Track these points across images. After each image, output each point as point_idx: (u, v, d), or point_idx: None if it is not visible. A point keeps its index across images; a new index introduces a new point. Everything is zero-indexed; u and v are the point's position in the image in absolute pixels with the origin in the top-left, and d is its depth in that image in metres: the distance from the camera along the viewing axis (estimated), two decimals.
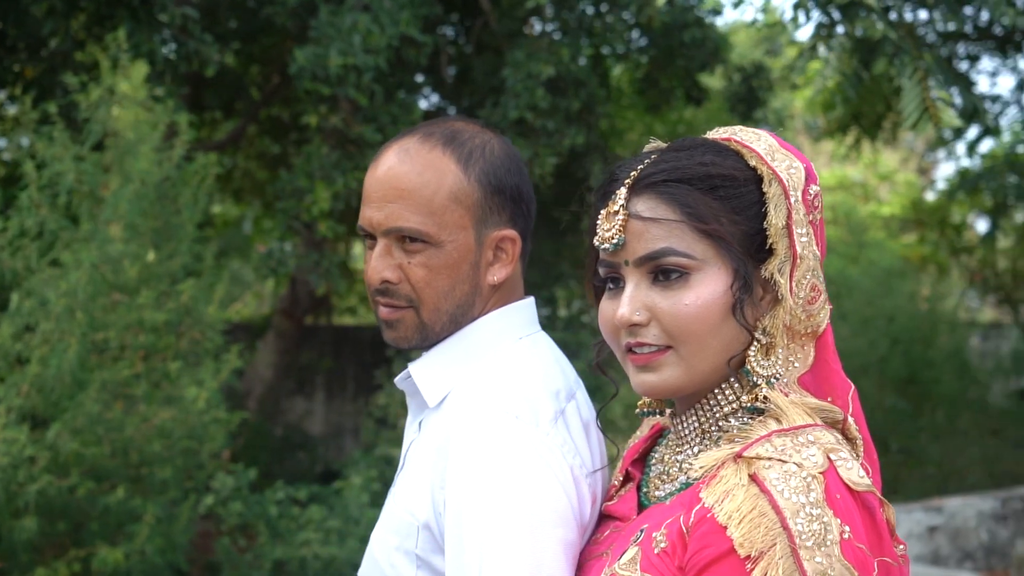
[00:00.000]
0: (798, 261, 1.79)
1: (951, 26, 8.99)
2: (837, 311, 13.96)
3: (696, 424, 1.83)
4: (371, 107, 8.11)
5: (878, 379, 13.22)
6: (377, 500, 7.94)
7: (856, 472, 1.64)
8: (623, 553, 1.75)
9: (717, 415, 1.81)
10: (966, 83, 7.83)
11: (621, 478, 2.02)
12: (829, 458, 1.64)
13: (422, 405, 2.15)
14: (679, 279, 1.74)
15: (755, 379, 1.77)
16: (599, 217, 1.82)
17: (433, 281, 2.04)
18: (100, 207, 6.31)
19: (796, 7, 6.82)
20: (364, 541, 7.41)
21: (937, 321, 14.09)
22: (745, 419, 1.78)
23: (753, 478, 1.61)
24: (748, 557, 1.55)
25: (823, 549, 1.55)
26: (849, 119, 12.51)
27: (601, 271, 1.85)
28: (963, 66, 11.32)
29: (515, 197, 2.13)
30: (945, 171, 24.98)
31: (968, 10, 7.89)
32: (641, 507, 1.89)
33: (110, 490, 6.24)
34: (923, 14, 8.13)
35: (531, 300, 2.19)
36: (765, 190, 1.77)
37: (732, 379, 1.80)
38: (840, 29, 6.78)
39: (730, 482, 1.63)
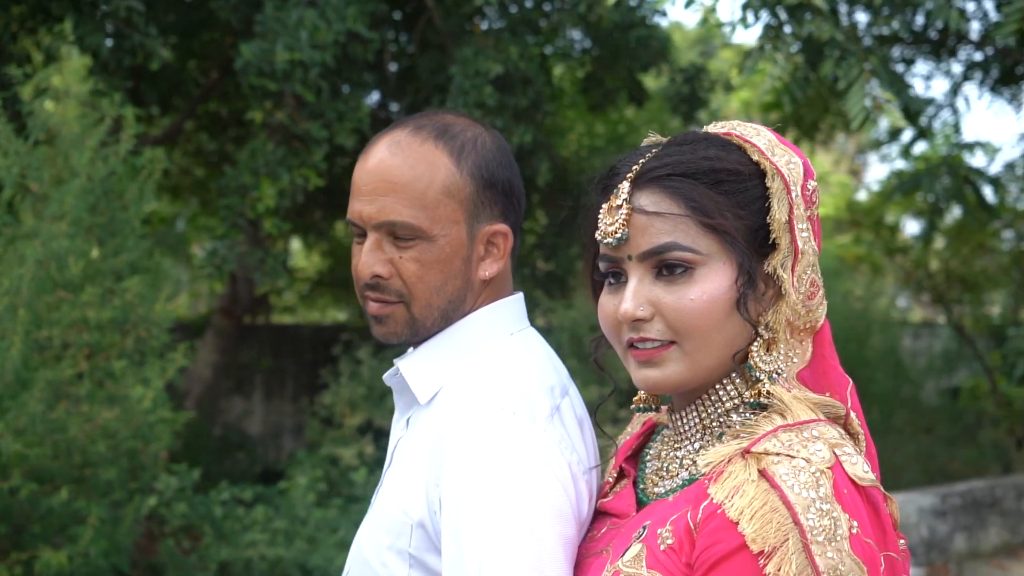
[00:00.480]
0: (799, 256, 1.79)
1: (887, 29, 9.10)
2: None
3: (697, 420, 1.82)
4: (318, 103, 8.03)
5: None
6: (323, 500, 7.88)
7: (861, 467, 1.64)
8: (625, 550, 1.73)
9: (719, 411, 1.80)
10: (903, 86, 7.93)
11: (615, 475, 2.01)
12: (835, 453, 1.64)
13: (411, 402, 2.12)
14: (683, 274, 1.73)
15: (757, 374, 1.77)
16: (600, 211, 1.81)
17: (425, 276, 2.01)
18: (44, 203, 6.17)
19: (745, 7, 6.87)
20: (312, 542, 7.34)
21: (871, 321, 14.29)
22: (747, 415, 1.78)
23: (763, 474, 1.60)
24: (761, 553, 1.55)
25: (833, 544, 1.55)
26: (788, 120, 12.65)
27: (602, 266, 1.83)
28: (899, 68, 11.48)
29: (507, 191, 2.10)
30: (876, 173, 25.38)
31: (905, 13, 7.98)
32: (640, 504, 1.87)
33: (53, 491, 6.11)
34: (863, 16, 8.22)
35: (520, 296, 2.16)
36: (769, 185, 1.76)
37: (733, 374, 1.80)
38: (787, 30, 6.84)
39: (739, 478, 1.62)
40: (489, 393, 1.92)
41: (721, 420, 1.80)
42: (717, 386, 1.80)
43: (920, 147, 13.69)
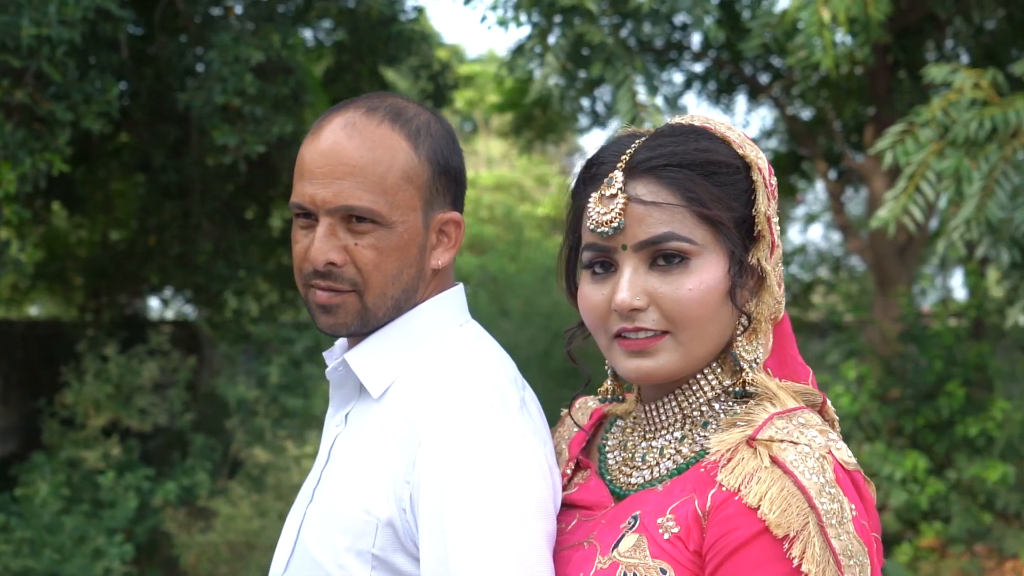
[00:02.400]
0: (775, 248, 1.84)
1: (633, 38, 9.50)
2: (500, 307, 14.44)
3: (676, 409, 1.83)
4: (63, 84, 7.51)
5: (541, 371, 13.75)
6: (70, 508, 7.40)
7: (846, 452, 1.71)
8: (617, 540, 1.73)
9: (700, 400, 1.82)
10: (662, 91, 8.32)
11: (573, 467, 2.00)
12: (826, 439, 1.70)
13: (349, 396, 2.04)
14: (679, 264, 1.74)
15: (741, 363, 1.81)
16: (590, 200, 1.79)
17: (382, 264, 1.94)
18: None
19: (516, 7, 7.00)
20: (62, 551, 6.87)
21: None
22: (728, 403, 1.82)
23: (774, 460, 1.64)
24: (786, 537, 1.58)
25: (843, 527, 1.61)
26: (522, 121, 12.96)
27: (588, 255, 1.81)
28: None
29: (458, 179, 2.06)
30: None
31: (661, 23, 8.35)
32: (616, 495, 1.86)
33: None
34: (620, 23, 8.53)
35: (462, 286, 2.12)
36: (754, 178, 1.81)
37: (714, 363, 1.83)
38: (556, 31, 7.01)
39: (750, 464, 1.65)
40: (461, 386, 1.88)
41: (702, 409, 1.82)
42: (698, 375, 1.83)
43: None
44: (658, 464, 1.83)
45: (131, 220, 11.77)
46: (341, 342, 2.14)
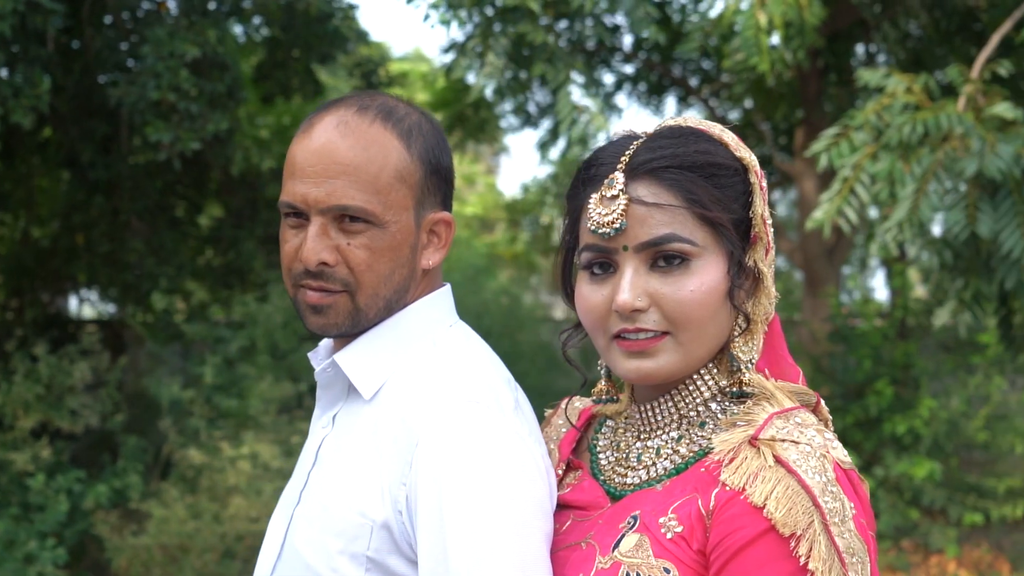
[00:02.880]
0: (769, 249, 1.87)
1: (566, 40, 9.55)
2: None
3: (673, 409, 1.84)
4: None
5: None
6: None
7: (842, 451, 1.73)
8: (617, 541, 1.73)
9: (697, 400, 1.83)
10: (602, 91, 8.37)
11: (564, 467, 2.00)
12: (824, 438, 1.72)
13: (336, 398, 2.03)
14: (680, 265, 1.75)
15: (738, 364, 1.82)
16: (590, 201, 1.80)
17: (375, 264, 1.92)
18: None
19: (457, 6, 6.98)
20: None
21: (523, 316, 14.86)
22: (725, 403, 1.83)
23: (778, 459, 1.65)
24: (792, 536, 1.59)
25: (845, 525, 1.63)
26: (454, 120, 12.94)
27: (586, 256, 1.81)
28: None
29: (448, 179, 2.06)
30: (511, 173, 26.27)
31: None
32: (611, 496, 1.86)
33: None
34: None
35: (449, 287, 2.11)
36: (752, 180, 1.83)
37: (711, 364, 1.84)
38: (498, 29, 7.01)
39: (754, 463, 1.66)
40: (457, 386, 1.87)
41: (699, 410, 1.83)
42: (695, 376, 1.83)
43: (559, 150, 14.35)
44: (654, 464, 1.83)
45: (55, 217, 11.53)
46: (326, 342, 2.11)
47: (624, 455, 1.89)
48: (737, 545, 1.62)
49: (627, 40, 11.79)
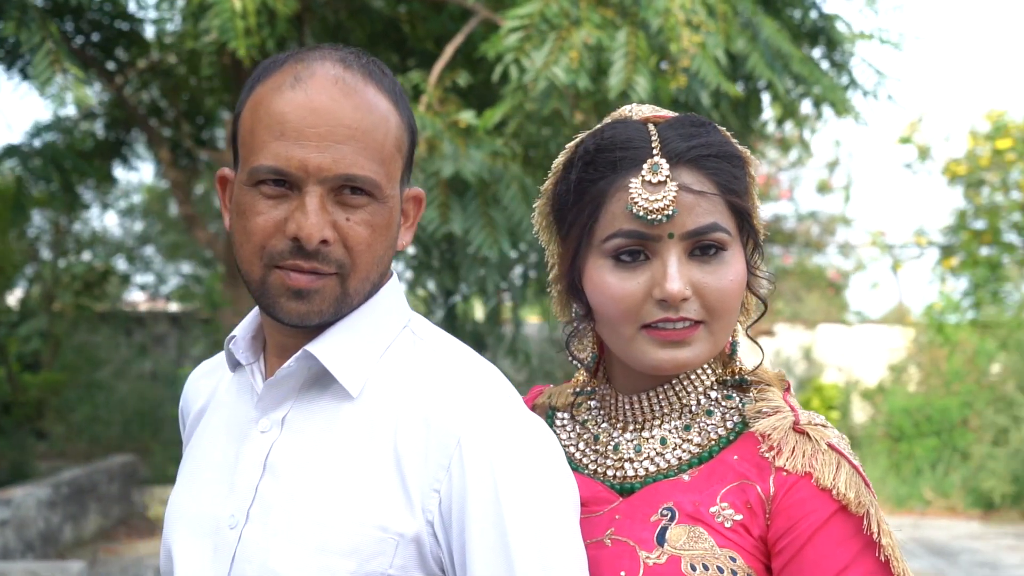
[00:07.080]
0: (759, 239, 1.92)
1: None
2: None
3: (674, 399, 1.82)
4: None
5: None
6: None
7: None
8: (658, 534, 1.70)
9: (699, 389, 1.83)
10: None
11: None
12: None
13: (283, 397, 1.72)
14: (716, 255, 1.75)
15: (736, 353, 1.88)
16: (632, 185, 1.72)
17: (374, 243, 1.68)
18: None
19: None
20: None
21: None
22: (725, 391, 1.85)
23: (828, 444, 1.71)
24: (866, 514, 1.66)
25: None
26: None
27: (617, 242, 1.74)
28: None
29: (413, 152, 1.84)
30: None
31: None
32: (616, 490, 1.80)
33: None
34: None
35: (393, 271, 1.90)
36: (752, 172, 1.87)
37: None
38: None
39: (809, 448, 1.71)
40: (480, 382, 1.69)
41: (700, 399, 1.83)
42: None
43: None
44: (661, 455, 1.80)
45: None
46: (247, 330, 1.79)
47: (608, 447, 1.84)
48: (811, 529, 1.65)
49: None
